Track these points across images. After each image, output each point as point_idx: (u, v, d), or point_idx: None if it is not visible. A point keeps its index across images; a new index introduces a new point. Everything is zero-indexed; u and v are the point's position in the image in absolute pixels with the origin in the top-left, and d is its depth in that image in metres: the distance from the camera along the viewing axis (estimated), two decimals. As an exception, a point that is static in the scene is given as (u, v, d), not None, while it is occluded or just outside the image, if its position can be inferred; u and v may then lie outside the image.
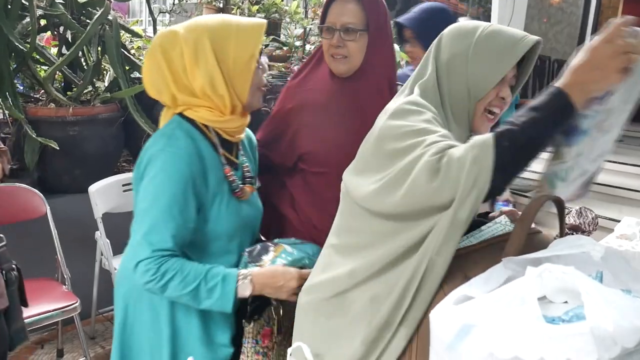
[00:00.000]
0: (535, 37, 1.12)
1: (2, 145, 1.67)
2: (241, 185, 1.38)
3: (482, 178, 0.89)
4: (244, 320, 1.38)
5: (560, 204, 1.04)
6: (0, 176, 1.61)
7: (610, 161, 5.35)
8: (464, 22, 1.18)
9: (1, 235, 1.67)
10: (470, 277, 0.94)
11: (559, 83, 0.96)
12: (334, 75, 1.56)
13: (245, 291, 1.26)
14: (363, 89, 1.53)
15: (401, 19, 1.91)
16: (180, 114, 1.34)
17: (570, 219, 1.76)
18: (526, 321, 0.71)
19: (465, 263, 0.99)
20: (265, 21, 1.33)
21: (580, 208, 1.88)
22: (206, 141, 1.33)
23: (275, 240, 1.45)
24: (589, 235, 1.91)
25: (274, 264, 1.32)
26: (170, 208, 1.23)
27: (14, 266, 1.67)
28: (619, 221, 1.30)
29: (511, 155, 0.91)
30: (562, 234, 1.10)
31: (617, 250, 0.94)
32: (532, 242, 1.09)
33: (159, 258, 1.22)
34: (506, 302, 0.76)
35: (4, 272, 1.61)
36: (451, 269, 0.96)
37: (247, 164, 1.45)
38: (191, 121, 1.33)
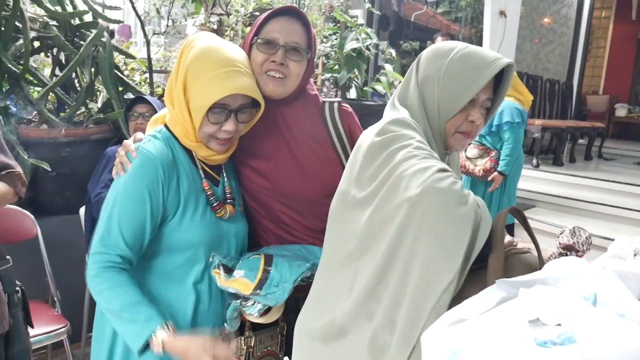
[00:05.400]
0: (507, 60, 1.11)
1: (17, 169, 1.62)
2: (220, 202, 1.36)
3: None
4: None
5: (520, 214, 1.06)
6: (15, 199, 1.58)
7: (603, 180, 5.39)
8: (442, 43, 1.21)
9: (7, 256, 1.65)
10: (464, 295, 0.94)
11: None
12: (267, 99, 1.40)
13: (155, 347, 1.17)
14: (297, 113, 1.46)
15: None
16: (166, 125, 1.36)
17: (563, 239, 1.75)
18: (517, 344, 0.70)
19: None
20: (250, 88, 1.30)
21: (574, 227, 1.86)
22: (185, 153, 1.34)
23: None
24: (582, 255, 1.89)
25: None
26: (124, 214, 1.23)
27: (17, 288, 1.66)
28: (613, 240, 1.28)
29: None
30: (532, 240, 1.13)
31: (610, 271, 0.94)
32: (520, 262, 1.10)
33: (107, 262, 1.22)
34: (498, 324, 0.75)
35: (7, 294, 1.59)
36: None
37: (229, 186, 1.42)
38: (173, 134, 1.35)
